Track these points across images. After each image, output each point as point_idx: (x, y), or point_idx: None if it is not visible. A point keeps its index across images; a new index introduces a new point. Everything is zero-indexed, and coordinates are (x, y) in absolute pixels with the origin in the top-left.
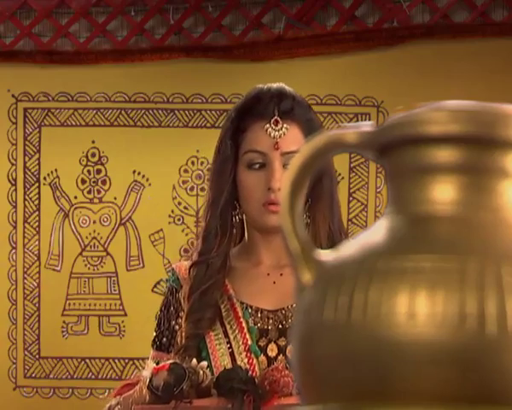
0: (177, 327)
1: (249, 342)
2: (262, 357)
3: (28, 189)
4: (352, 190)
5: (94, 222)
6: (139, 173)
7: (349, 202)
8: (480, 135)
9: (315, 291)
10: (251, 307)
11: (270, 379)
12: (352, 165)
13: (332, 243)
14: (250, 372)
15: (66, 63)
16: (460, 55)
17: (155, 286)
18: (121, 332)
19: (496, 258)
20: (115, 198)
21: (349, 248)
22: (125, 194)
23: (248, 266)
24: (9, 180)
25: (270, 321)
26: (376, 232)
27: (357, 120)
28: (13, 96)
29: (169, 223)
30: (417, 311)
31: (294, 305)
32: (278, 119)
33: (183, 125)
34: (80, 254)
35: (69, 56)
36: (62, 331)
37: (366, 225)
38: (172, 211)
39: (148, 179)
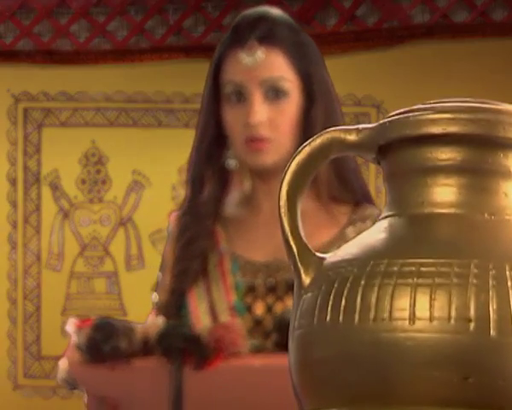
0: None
1: (234, 299)
2: (247, 316)
3: (28, 189)
4: None
5: (94, 222)
6: (139, 173)
7: None
8: (481, 135)
9: (314, 293)
10: (242, 258)
11: (216, 336)
12: None
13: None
14: (196, 328)
15: (66, 63)
16: (460, 55)
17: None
18: None
19: (498, 260)
20: (115, 198)
21: (349, 250)
22: (125, 194)
23: (247, 215)
24: (9, 180)
25: (260, 274)
26: (376, 234)
27: (357, 120)
28: (13, 96)
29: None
30: (418, 314)
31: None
32: (253, 44)
33: (183, 125)
34: (80, 254)
35: (69, 56)
36: (62, 331)
37: None
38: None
39: (148, 179)
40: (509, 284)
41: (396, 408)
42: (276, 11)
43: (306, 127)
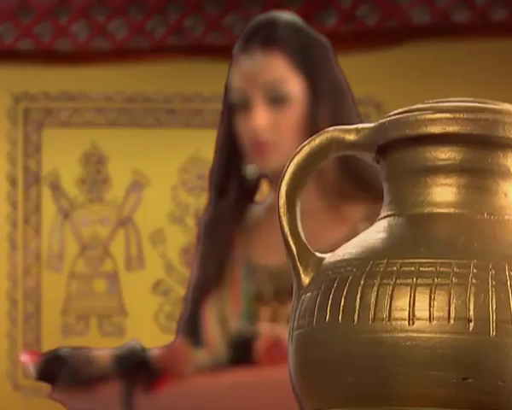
0: None
1: (241, 307)
2: (255, 322)
3: (28, 189)
4: None
5: (94, 222)
6: (139, 173)
7: None
8: (481, 135)
9: (313, 293)
10: (254, 264)
11: (161, 359)
12: None
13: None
14: (149, 351)
15: (66, 63)
16: (460, 55)
17: (156, 287)
18: (121, 332)
19: (497, 260)
20: (115, 198)
21: (348, 250)
22: (125, 194)
23: (266, 220)
24: (9, 180)
25: (269, 280)
26: (376, 233)
27: None
28: (13, 96)
29: (169, 223)
30: (418, 314)
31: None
32: (254, 49)
33: (183, 125)
34: (80, 254)
35: (69, 56)
36: (62, 331)
37: None
38: (172, 211)
39: (148, 179)
40: (509, 284)
41: (395, 408)
42: (284, 15)
43: (312, 129)
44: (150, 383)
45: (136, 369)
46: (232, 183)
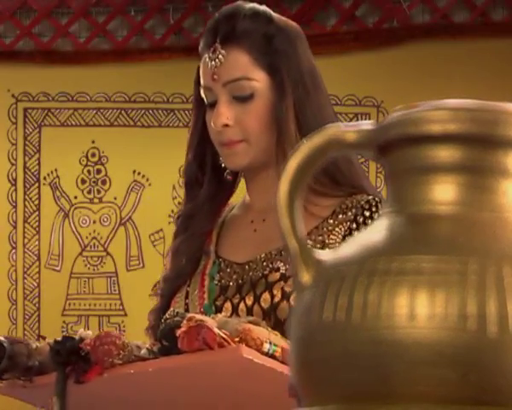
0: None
1: (205, 302)
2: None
3: (28, 189)
4: None
5: (94, 222)
6: (139, 173)
7: None
8: (481, 134)
9: (314, 292)
10: (224, 261)
11: (91, 348)
12: None
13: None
14: (83, 340)
15: (66, 63)
16: (460, 55)
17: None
18: (121, 332)
19: (497, 258)
20: (115, 198)
21: (349, 248)
22: (125, 194)
23: (241, 215)
24: (9, 180)
25: (234, 276)
26: (376, 232)
27: (357, 120)
28: (13, 96)
29: (169, 223)
30: (417, 312)
31: (263, 255)
32: (217, 45)
33: (183, 125)
34: (80, 254)
35: (69, 56)
36: (62, 331)
37: None
38: (172, 211)
39: (148, 179)
40: (508, 281)
41: (395, 406)
42: (247, 6)
43: (279, 122)
44: (82, 372)
45: (70, 359)
46: (206, 178)
